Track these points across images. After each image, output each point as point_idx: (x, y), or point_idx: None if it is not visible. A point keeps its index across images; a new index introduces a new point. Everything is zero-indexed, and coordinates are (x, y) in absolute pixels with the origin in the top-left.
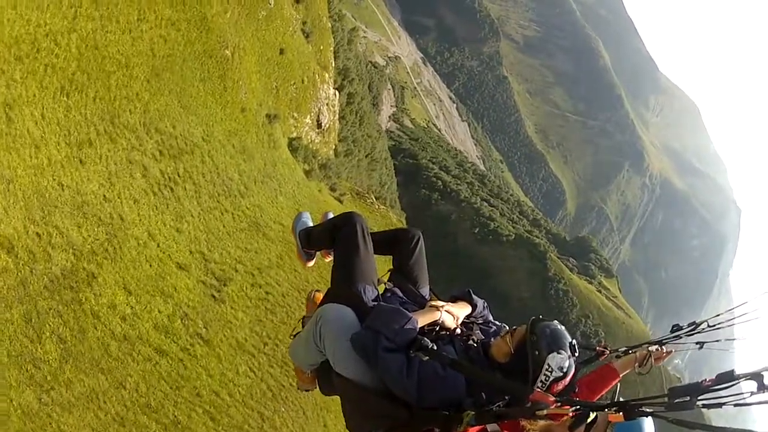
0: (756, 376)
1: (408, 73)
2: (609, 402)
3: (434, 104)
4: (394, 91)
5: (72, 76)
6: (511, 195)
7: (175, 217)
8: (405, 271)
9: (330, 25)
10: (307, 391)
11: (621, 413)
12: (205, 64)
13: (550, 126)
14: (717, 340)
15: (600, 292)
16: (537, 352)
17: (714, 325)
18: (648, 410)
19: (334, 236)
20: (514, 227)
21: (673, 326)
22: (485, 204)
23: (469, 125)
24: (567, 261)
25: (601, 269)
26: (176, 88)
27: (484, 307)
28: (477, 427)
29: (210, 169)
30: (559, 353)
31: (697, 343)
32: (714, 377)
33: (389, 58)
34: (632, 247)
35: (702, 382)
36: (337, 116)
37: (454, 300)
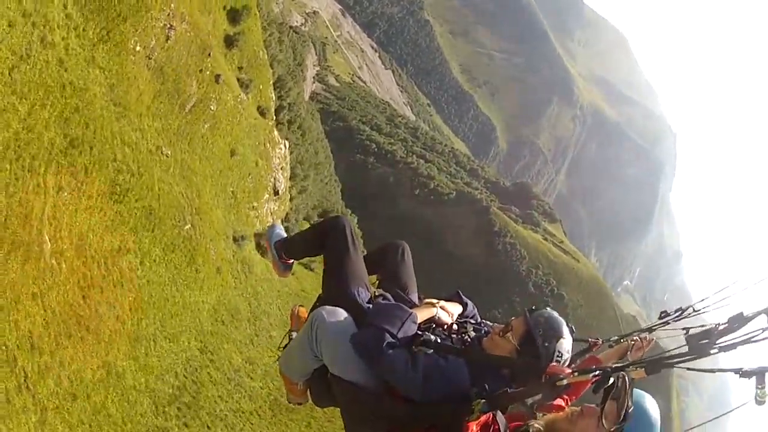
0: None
1: (327, 27)
2: (633, 361)
3: (356, 56)
4: (315, 49)
5: None
6: (446, 146)
7: None
8: (394, 278)
9: (266, 55)
10: (299, 404)
11: (643, 369)
12: (170, 263)
13: (476, 65)
14: (702, 326)
15: (546, 239)
16: (547, 344)
17: (699, 310)
18: (670, 362)
19: (321, 242)
20: (453, 183)
21: (661, 313)
22: (422, 162)
23: (393, 73)
24: (510, 211)
25: (545, 215)
26: (156, 328)
27: (473, 307)
28: (483, 420)
29: (221, 382)
30: (564, 338)
31: (683, 329)
32: (726, 321)
33: (307, 14)
34: (568, 177)
35: (716, 326)
36: (288, 166)
37: (445, 300)
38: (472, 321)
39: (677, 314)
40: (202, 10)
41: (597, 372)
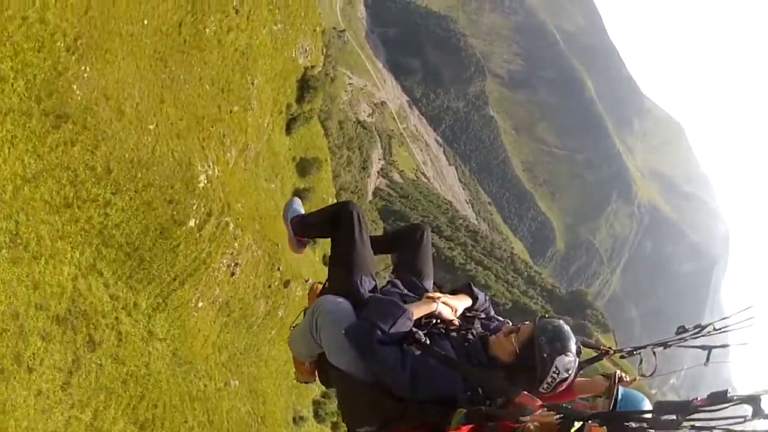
0: (752, 400)
1: (394, 118)
2: (595, 413)
3: (421, 150)
4: (381, 142)
5: None
6: (504, 250)
7: None
8: (409, 263)
9: (334, 198)
10: (306, 383)
11: (605, 426)
12: None
13: (537, 163)
14: (724, 345)
15: None
16: (545, 355)
17: (720, 329)
18: (633, 425)
19: (331, 225)
20: (510, 292)
21: (678, 328)
22: (480, 269)
23: (456, 169)
24: None
25: (598, 324)
26: None
27: (485, 300)
28: (466, 429)
29: None
30: (566, 355)
31: (701, 347)
32: (706, 397)
33: (375, 104)
34: (623, 276)
35: (693, 400)
36: None
37: (454, 293)
38: (482, 316)
39: (696, 331)
40: (270, 178)
41: (561, 414)
